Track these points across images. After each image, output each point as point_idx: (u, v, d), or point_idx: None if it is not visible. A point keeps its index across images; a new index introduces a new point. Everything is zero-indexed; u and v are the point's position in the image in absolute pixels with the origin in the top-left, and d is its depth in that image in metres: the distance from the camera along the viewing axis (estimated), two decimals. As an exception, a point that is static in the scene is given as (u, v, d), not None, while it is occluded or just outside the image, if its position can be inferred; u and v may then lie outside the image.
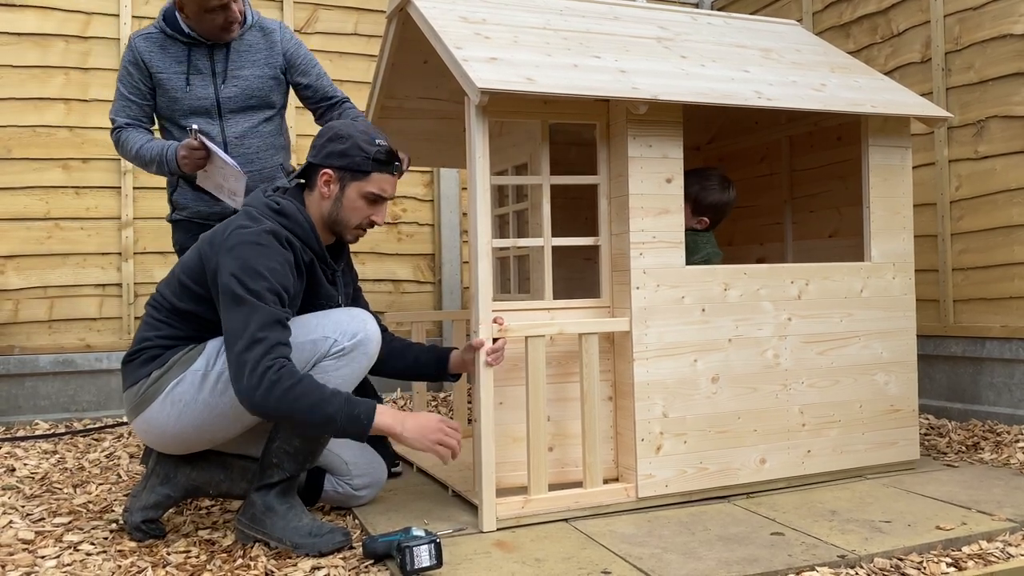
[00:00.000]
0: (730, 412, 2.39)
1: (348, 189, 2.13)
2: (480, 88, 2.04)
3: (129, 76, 2.70)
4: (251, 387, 1.84)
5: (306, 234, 2.11)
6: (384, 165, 2.14)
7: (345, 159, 2.11)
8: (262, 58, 2.77)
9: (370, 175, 2.13)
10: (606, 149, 2.37)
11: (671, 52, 2.60)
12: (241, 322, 1.89)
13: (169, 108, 2.72)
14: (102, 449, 3.23)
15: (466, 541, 2.04)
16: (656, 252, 2.31)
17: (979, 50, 3.37)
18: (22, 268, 3.84)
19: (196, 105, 2.70)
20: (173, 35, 2.67)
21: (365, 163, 2.11)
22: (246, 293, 1.91)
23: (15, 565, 1.92)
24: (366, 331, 2.09)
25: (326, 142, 2.14)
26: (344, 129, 2.14)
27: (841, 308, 2.56)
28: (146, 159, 2.66)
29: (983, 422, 3.30)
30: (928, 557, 1.92)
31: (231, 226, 2.03)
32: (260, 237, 1.98)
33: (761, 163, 3.51)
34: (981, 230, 3.36)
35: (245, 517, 2.07)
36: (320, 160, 2.13)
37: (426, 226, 4.55)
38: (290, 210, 2.10)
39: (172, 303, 2.08)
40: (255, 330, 1.88)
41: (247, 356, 1.86)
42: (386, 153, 2.13)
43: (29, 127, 3.87)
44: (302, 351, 2.02)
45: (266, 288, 1.93)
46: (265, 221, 2.04)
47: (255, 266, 1.94)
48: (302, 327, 2.06)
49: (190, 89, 2.69)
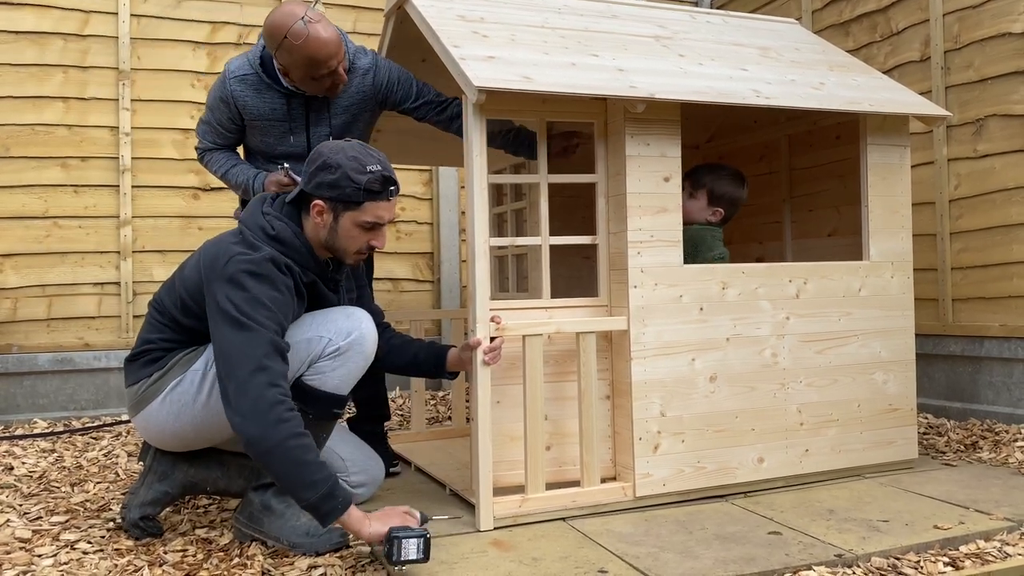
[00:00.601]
0: (728, 411, 2.39)
1: (342, 219, 2.03)
2: (477, 87, 2.03)
3: (219, 110, 2.58)
4: (251, 413, 1.79)
5: (304, 259, 2.05)
6: (377, 194, 2.02)
7: (335, 190, 2.00)
8: (358, 103, 2.63)
9: (363, 205, 2.01)
10: (604, 148, 2.36)
11: (669, 51, 2.59)
12: (245, 345, 1.83)
13: (261, 145, 2.63)
14: (100, 448, 3.23)
15: (463, 540, 2.04)
16: (654, 251, 2.31)
17: (978, 48, 3.37)
18: (20, 267, 3.84)
19: (291, 151, 2.60)
20: (270, 84, 2.53)
21: (356, 194, 1.99)
22: (247, 320, 1.86)
23: (12, 564, 1.91)
24: (361, 330, 2.08)
25: (315, 171, 2.02)
26: (333, 157, 2.00)
27: (839, 307, 2.55)
28: (233, 183, 2.63)
29: (982, 421, 3.30)
30: (925, 556, 1.92)
31: (230, 252, 1.95)
32: (260, 266, 1.93)
33: (760, 162, 3.50)
34: (980, 229, 3.36)
35: (243, 516, 2.07)
36: (311, 189, 2.03)
37: (425, 224, 4.55)
38: (286, 236, 2.03)
39: (173, 314, 2.08)
40: (261, 356, 1.82)
41: (253, 381, 1.80)
42: (379, 182, 2.00)
43: (27, 125, 3.86)
44: (297, 350, 2.00)
45: (268, 317, 1.88)
46: (264, 248, 1.97)
47: (258, 296, 1.89)
48: (297, 326, 2.05)
49: (291, 138, 2.59)
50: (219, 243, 2.02)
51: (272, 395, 1.80)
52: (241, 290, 1.89)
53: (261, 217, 2.05)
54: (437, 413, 3.89)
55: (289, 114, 2.56)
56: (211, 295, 1.93)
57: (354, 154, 2.02)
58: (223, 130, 2.63)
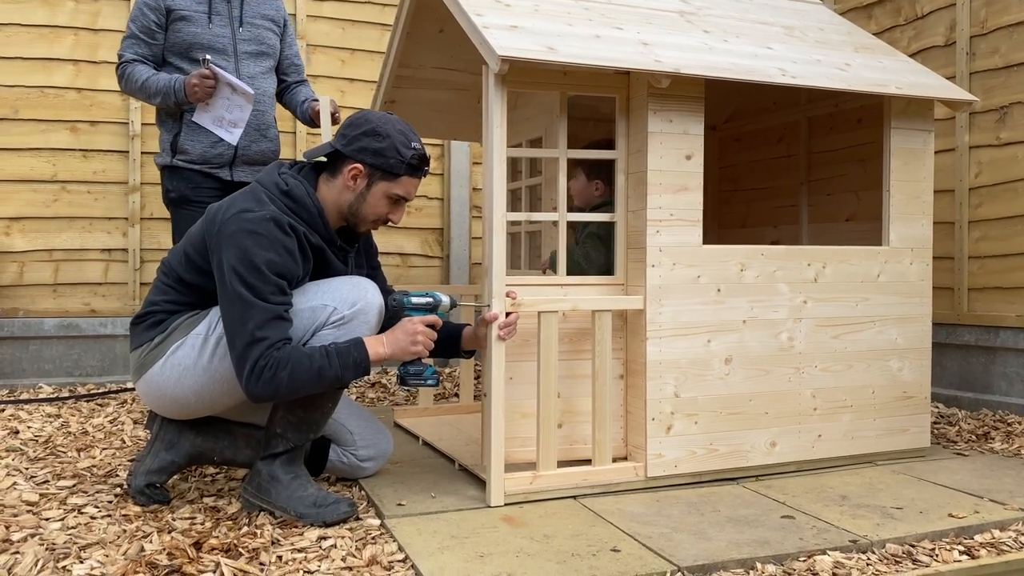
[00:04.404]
0: (742, 394, 2.36)
1: (375, 187, 2.07)
2: (500, 56, 1.99)
3: (143, 16, 2.78)
4: (253, 386, 1.89)
5: (312, 219, 2.05)
6: (416, 170, 2.09)
7: (380, 159, 2.04)
8: (272, 12, 2.97)
9: (400, 178, 2.07)
10: (625, 123, 2.32)
11: (694, 26, 2.54)
12: (240, 320, 1.89)
13: (186, 43, 2.80)
14: (106, 414, 3.21)
15: (473, 515, 2.02)
16: (673, 230, 2.27)
17: (1006, 34, 3.31)
18: (28, 230, 3.81)
19: (214, 43, 2.81)
20: None
21: (399, 167, 2.05)
22: (244, 289, 1.89)
23: (19, 526, 1.90)
24: (366, 300, 2.04)
25: (360, 135, 2.05)
26: (383, 127, 2.05)
27: (857, 292, 2.52)
28: (152, 90, 2.77)
29: (994, 412, 3.27)
30: (940, 545, 1.90)
31: (235, 206, 1.97)
32: (259, 225, 1.93)
33: (779, 144, 3.46)
34: (1000, 218, 3.31)
35: (251, 486, 2.05)
36: (351, 152, 2.05)
37: (435, 200, 4.51)
38: (298, 193, 2.04)
39: (178, 273, 2.07)
40: (253, 328, 1.88)
41: (247, 355, 1.88)
42: (420, 158, 2.08)
43: (37, 88, 3.82)
44: (301, 318, 1.99)
45: (264, 282, 1.90)
46: (269, 205, 1.98)
47: (253, 259, 1.90)
48: (302, 294, 2.02)
49: (211, 27, 2.81)
50: (229, 198, 2.05)
51: (259, 364, 1.87)
52: (240, 253, 1.91)
53: (276, 175, 2.07)
54: (444, 389, 3.87)
55: (212, 3, 2.83)
56: (215, 256, 1.96)
57: (401, 128, 2.08)
58: (145, 37, 2.80)
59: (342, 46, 4.30)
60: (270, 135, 2.95)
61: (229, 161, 2.85)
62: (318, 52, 4.25)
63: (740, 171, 3.70)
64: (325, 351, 1.93)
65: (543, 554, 1.78)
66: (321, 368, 1.91)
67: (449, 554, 1.77)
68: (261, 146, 2.91)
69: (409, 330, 2.04)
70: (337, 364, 1.92)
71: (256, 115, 2.85)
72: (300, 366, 1.89)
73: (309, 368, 1.89)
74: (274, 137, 2.98)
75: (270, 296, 1.90)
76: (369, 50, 4.33)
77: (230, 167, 2.86)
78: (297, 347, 1.93)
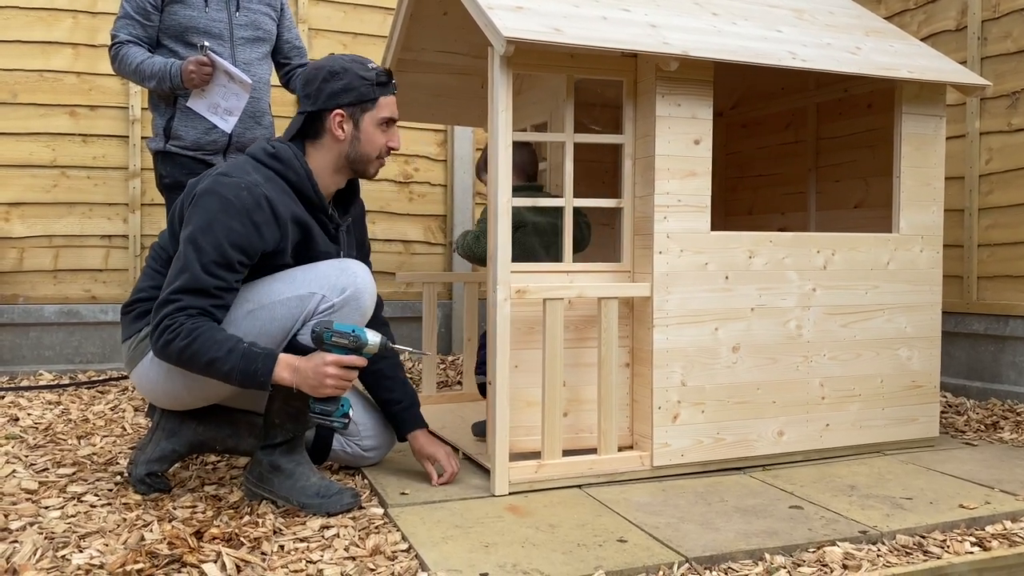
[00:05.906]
0: (750, 383, 2.33)
1: (363, 123, 2.05)
2: (506, 37, 1.95)
3: None
4: (153, 343, 1.87)
5: (300, 180, 2.01)
6: (386, 86, 2.07)
7: (352, 93, 2.02)
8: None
9: (377, 101, 2.06)
10: (632, 108, 2.28)
11: (702, 8, 2.50)
12: (174, 274, 1.88)
13: (182, 26, 2.76)
14: (107, 402, 3.19)
15: (477, 504, 2.00)
16: (681, 216, 2.24)
17: (1018, 18, 3.25)
18: (27, 216, 3.77)
19: (210, 27, 2.77)
20: None
21: (370, 90, 2.04)
22: (192, 249, 1.87)
23: (18, 514, 1.88)
24: (356, 285, 1.97)
25: (322, 83, 2.03)
26: (334, 64, 2.04)
27: (867, 280, 2.49)
28: (146, 73, 2.71)
29: (1003, 401, 3.24)
30: (951, 536, 1.87)
31: (216, 169, 1.98)
32: (231, 191, 1.89)
33: (786, 130, 3.41)
34: (1011, 205, 3.27)
35: (252, 475, 2.02)
36: (324, 103, 2.03)
37: (438, 187, 4.47)
38: (286, 155, 2.01)
39: (167, 252, 2.04)
40: (175, 289, 1.85)
41: (160, 311, 1.86)
42: (384, 74, 2.07)
43: (35, 71, 3.77)
44: (287, 308, 1.94)
45: (213, 248, 1.86)
46: (253, 174, 1.95)
47: (213, 224, 1.87)
48: (287, 281, 1.97)
49: (208, 11, 2.77)
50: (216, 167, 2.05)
51: (164, 324, 1.84)
52: (204, 214, 1.89)
53: (265, 142, 2.06)
54: (447, 377, 3.84)
55: None
56: (186, 213, 1.95)
57: (351, 57, 2.09)
58: (140, 18, 2.75)
59: (344, 30, 4.25)
60: (264, 122, 2.93)
61: (223, 148, 2.82)
62: (320, 36, 4.20)
63: (747, 158, 3.66)
64: (234, 348, 1.83)
65: (549, 544, 1.75)
66: (216, 360, 1.81)
67: (453, 544, 1.74)
68: (256, 133, 2.88)
69: (321, 370, 1.85)
70: (237, 366, 1.82)
71: (251, 102, 2.82)
72: (201, 346, 1.81)
73: (205, 353, 1.81)
74: (268, 124, 2.96)
75: (211, 265, 1.85)
76: (371, 34, 4.27)
77: (224, 154, 2.83)
78: (212, 326, 1.85)
